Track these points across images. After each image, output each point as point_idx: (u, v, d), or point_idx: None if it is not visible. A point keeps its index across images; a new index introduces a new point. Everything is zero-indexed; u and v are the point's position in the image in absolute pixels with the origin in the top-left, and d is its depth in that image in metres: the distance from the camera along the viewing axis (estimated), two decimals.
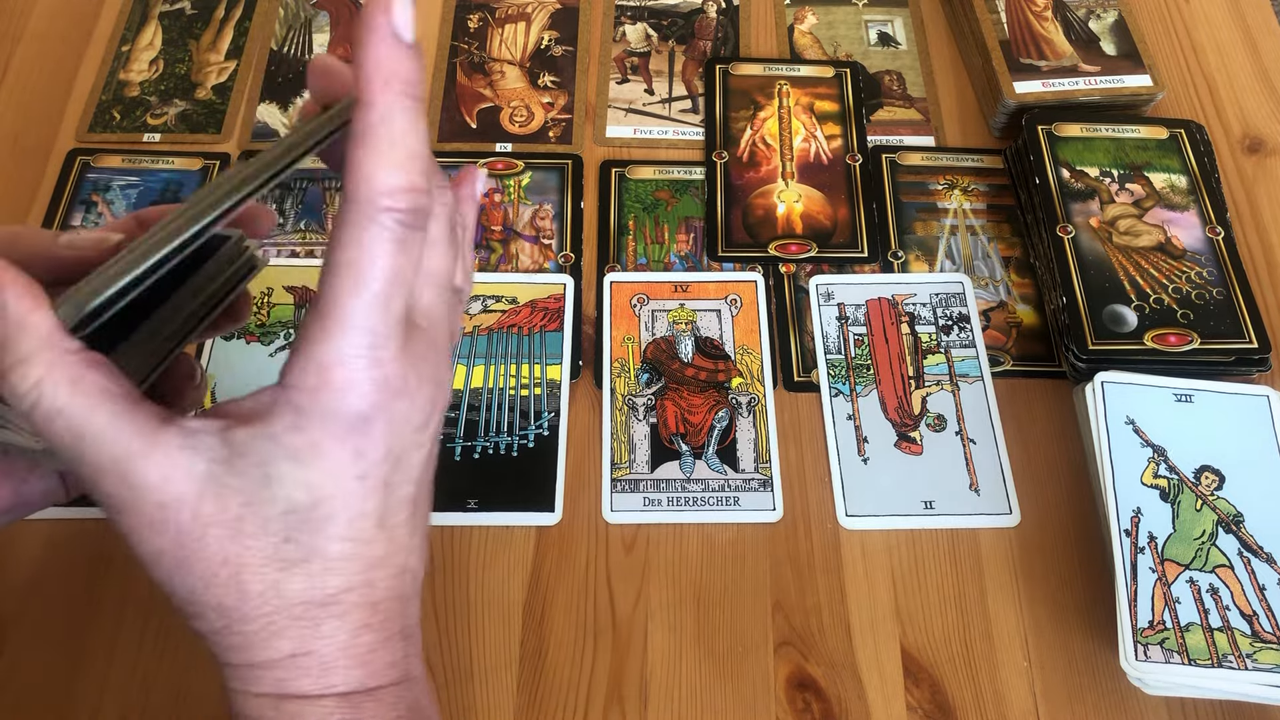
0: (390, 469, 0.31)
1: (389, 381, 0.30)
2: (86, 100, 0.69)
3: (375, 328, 0.29)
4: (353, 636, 0.31)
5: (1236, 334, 0.56)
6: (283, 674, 0.31)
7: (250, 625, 0.30)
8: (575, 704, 0.49)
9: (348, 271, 0.29)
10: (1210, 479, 0.52)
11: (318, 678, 0.31)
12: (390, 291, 0.29)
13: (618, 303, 0.61)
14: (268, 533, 0.30)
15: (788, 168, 0.67)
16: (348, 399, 0.29)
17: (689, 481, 0.55)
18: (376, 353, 0.29)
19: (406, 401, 0.31)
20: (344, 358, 0.29)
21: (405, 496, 0.32)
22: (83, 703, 0.49)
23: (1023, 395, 0.59)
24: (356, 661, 0.32)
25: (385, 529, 0.32)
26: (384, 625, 0.32)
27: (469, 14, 0.75)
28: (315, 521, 0.30)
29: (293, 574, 0.30)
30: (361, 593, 0.31)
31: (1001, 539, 0.54)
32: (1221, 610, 0.48)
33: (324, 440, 0.29)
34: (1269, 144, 0.68)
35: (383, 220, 0.29)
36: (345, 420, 0.29)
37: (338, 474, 0.30)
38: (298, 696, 0.31)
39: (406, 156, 0.29)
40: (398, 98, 0.29)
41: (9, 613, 0.51)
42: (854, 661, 0.51)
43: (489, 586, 0.52)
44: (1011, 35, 0.69)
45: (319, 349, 0.29)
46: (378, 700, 0.32)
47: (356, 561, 0.31)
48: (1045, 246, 0.60)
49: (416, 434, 0.32)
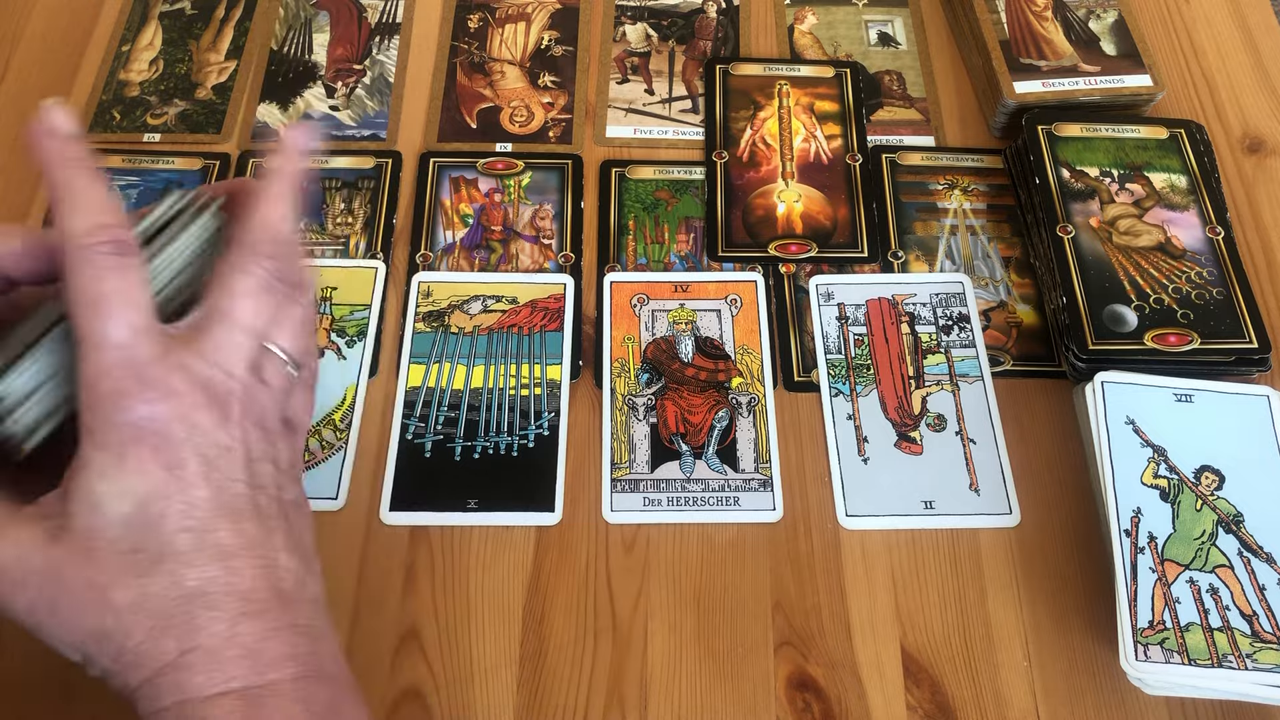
0: (202, 464, 0.35)
1: (152, 381, 0.34)
2: (86, 100, 0.69)
3: (119, 339, 0.34)
4: (231, 625, 0.34)
5: (1236, 334, 0.56)
6: (177, 676, 0.33)
7: (133, 638, 0.33)
8: (575, 704, 0.49)
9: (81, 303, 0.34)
10: (1210, 479, 0.52)
11: (211, 672, 0.33)
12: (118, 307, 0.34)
13: (618, 303, 0.61)
14: (116, 549, 0.33)
15: (788, 168, 0.67)
16: (120, 403, 0.34)
17: (689, 481, 0.55)
18: (130, 359, 0.34)
19: (178, 400, 0.35)
20: (103, 370, 0.34)
21: (239, 494, 0.36)
22: (83, 703, 0.49)
23: (1023, 395, 0.59)
24: (244, 651, 0.34)
25: (227, 519, 0.35)
26: (265, 615, 0.35)
27: (469, 14, 0.75)
28: (151, 521, 0.34)
29: (153, 576, 0.34)
30: (226, 582, 0.34)
31: (1001, 539, 0.54)
32: (1221, 610, 0.49)
33: (121, 446, 0.34)
34: (1269, 144, 0.68)
35: (88, 256, 0.34)
36: (128, 421, 0.34)
37: (146, 471, 0.34)
38: (198, 699, 0.33)
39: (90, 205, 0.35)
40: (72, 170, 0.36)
41: None
42: (854, 661, 0.51)
43: (489, 586, 0.52)
44: (1011, 35, 0.69)
45: (85, 373, 0.34)
46: (278, 694, 0.34)
47: (206, 550, 0.34)
48: (1045, 246, 0.60)
49: (213, 434, 0.35)
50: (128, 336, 0.34)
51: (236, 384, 0.37)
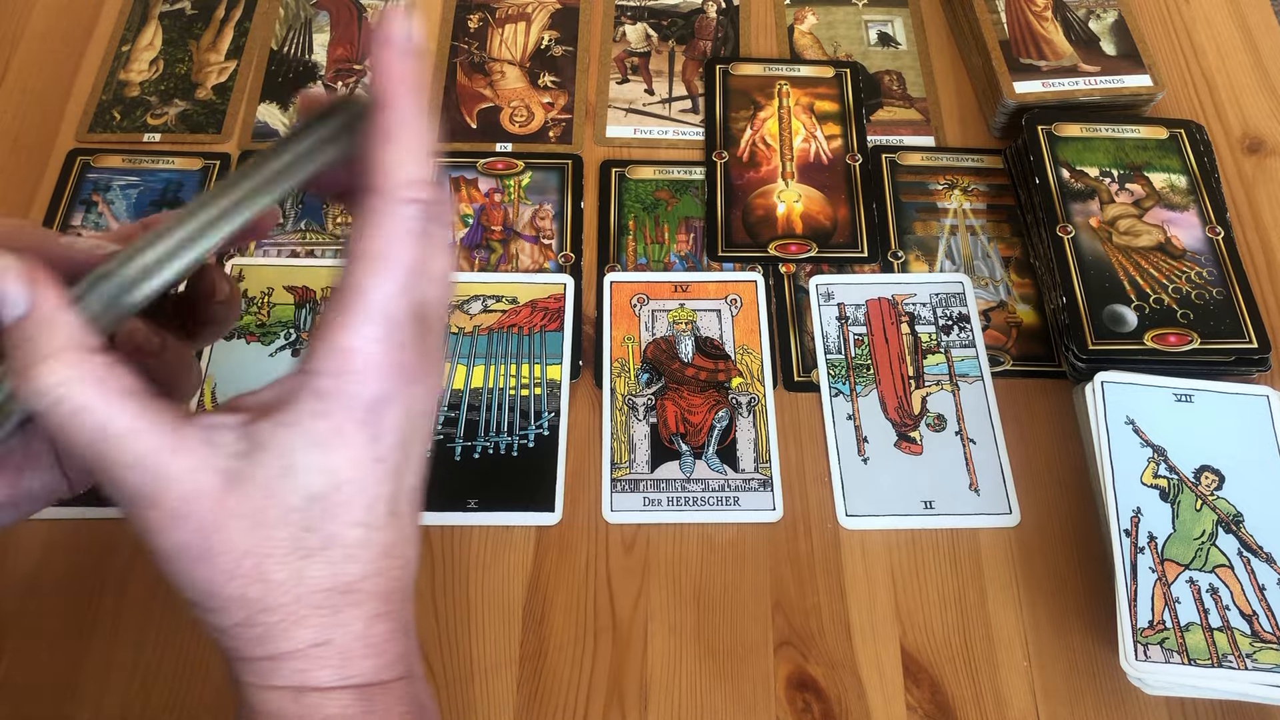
0: (402, 456, 0.32)
1: (406, 367, 0.31)
2: (86, 100, 0.69)
3: (395, 314, 0.30)
4: (367, 626, 0.32)
5: (1236, 334, 0.56)
6: (303, 664, 0.31)
7: (273, 615, 0.31)
8: (575, 704, 0.49)
9: (371, 260, 0.30)
10: (1210, 479, 0.52)
11: (337, 668, 0.32)
12: (410, 280, 0.31)
13: (618, 303, 0.61)
14: (289, 522, 0.30)
15: (788, 168, 0.67)
16: (369, 382, 0.30)
17: (689, 481, 0.55)
18: (396, 338, 0.30)
19: (419, 388, 0.32)
20: (366, 342, 0.30)
21: (411, 486, 0.33)
22: (83, 703, 0.49)
23: (1023, 395, 0.59)
24: (372, 651, 0.32)
25: (396, 516, 0.33)
26: (394, 616, 0.33)
27: (469, 14, 0.75)
28: (334, 507, 0.31)
29: (314, 561, 0.31)
30: (375, 581, 0.32)
31: (1001, 539, 0.54)
32: (1221, 610, 0.49)
33: (345, 424, 0.30)
34: (1269, 144, 0.68)
35: (406, 211, 0.30)
36: (366, 403, 0.30)
37: (357, 458, 0.31)
38: (316, 689, 0.31)
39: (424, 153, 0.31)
40: (414, 99, 0.31)
41: (9, 613, 0.51)
42: (854, 661, 0.51)
43: (489, 586, 0.52)
44: (1011, 35, 0.69)
45: (341, 335, 0.30)
46: (388, 693, 0.33)
47: (372, 548, 0.32)
48: (1045, 246, 0.60)
49: (423, 422, 0.33)
50: (403, 312, 0.31)
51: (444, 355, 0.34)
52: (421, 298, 0.32)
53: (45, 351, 0.29)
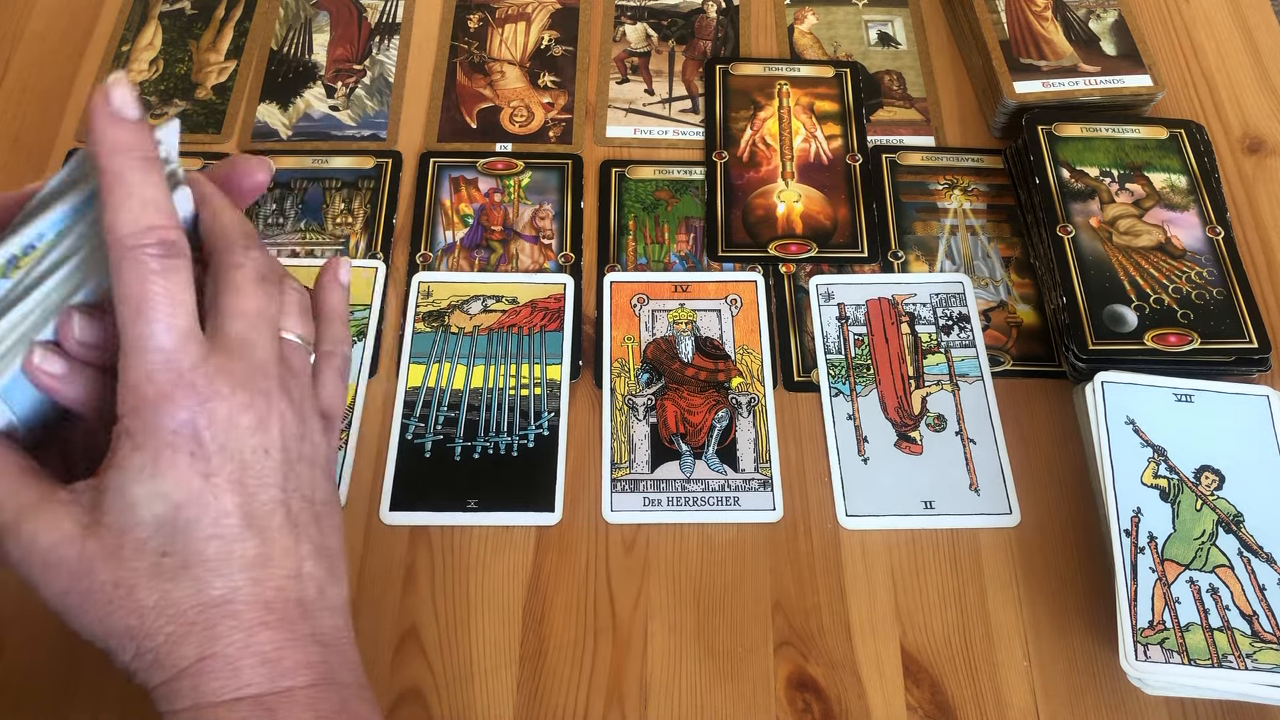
0: (237, 469, 0.35)
1: (195, 386, 0.34)
2: (86, 100, 0.69)
3: (163, 344, 0.34)
4: (249, 634, 0.34)
5: (1236, 334, 0.56)
6: (195, 681, 0.34)
7: (155, 639, 0.34)
8: (575, 704, 0.49)
9: (125, 305, 0.34)
10: (1210, 479, 0.52)
11: (228, 679, 0.34)
12: (165, 311, 0.34)
13: (618, 303, 0.61)
14: (146, 551, 0.34)
15: (788, 168, 0.67)
16: (162, 408, 0.34)
17: (689, 481, 0.55)
18: (173, 364, 0.34)
19: (221, 404, 0.34)
20: (147, 374, 0.34)
21: (272, 499, 0.36)
22: (83, 703, 0.49)
23: (1023, 395, 0.59)
24: (261, 660, 0.34)
25: (256, 530, 0.35)
26: (284, 625, 0.35)
27: (469, 14, 0.75)
28: (182, 527, 0.34)
29: (179, 581, 0.34)
30: (249, 591, 0.35)
31: (1001, 539, 0.54)
32: (1221, 610, 0.49)
33: (159, 450, 0.34)
34: (1269, 144, 0.68)
35: (136, 257, 0.33)
36: (168, 427, 0.34)
37: (182, 477, 0.34)
38: (214, 704, 0.34)
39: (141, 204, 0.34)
40: (125, 160, 0.34)
41: (9, 613, 0.51)
42: (854, 661, 0.51)
43: (489, 586, 0.52)
44: (1011, 35, 0.69)
45: (128, 376, 0.34)
46: (291, 700, 0.35)
47: (233, 560, 0.35)
48: (1045, 246, 0.60)
49: (252, 436, 0.35)
50: (173, 341, 0.34)
51: (272, 376, 0.37)
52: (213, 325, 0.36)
53: None
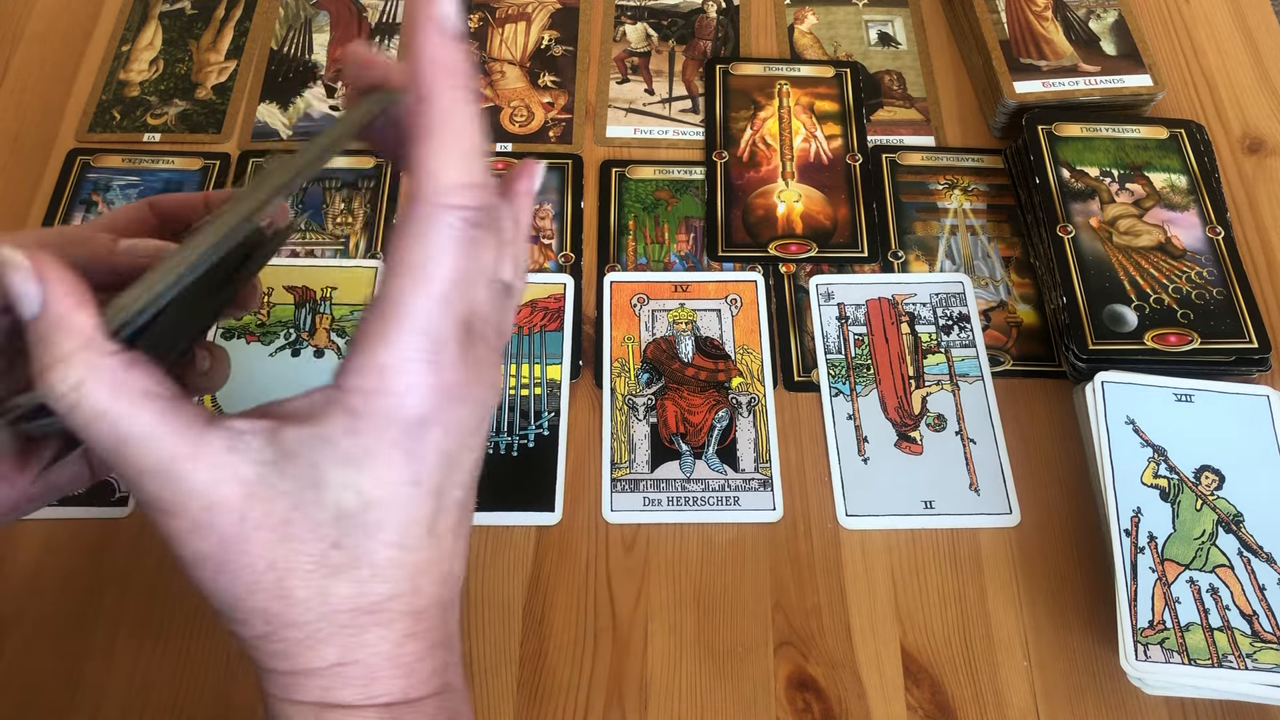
0: (443, 475, 0.30)
1: (447, 388, 0.29)
2: (86, 100, 0.69)
3: (437, 331, 0.28)
4: (397, 646, 0.31)
5: (1236, 334, 0.56)
6: (327, 683, 0.30)
7: (295, 632, 0.29)
8: (575, 704, 0.49)
9: (412, 272, 0.28)
10: (1210, 479, 0.52)
11: (362, 687, 0.30)
12: (454, 294, 0.28)
13: (618, 303, 0.61)
14: (317, 537, 0.29)
15: (788, 168, 0.67)
16: (406, 404, 0.28)
17: (689, 481, 0.55)
18: (437, 357, 0.29)
19: (462, 407, 0.30)
20: (404, 361, 0.28)
21: (455, 501, 0.31)
22: (83, 703, 0.49)
23: (1023, 395, 0.59)
24: (401, 671, 0.31)
25: (434, 535, 0.31)
26: (427, 634, 0.31)
27: (469, 14, 0.75)
28: (365, 527, 0.29)
29: (340, 579, 0.29)
30: (407, 600, 0.30)
31: (1001, 539, 0.54)
32: (1221, 610, 0.48)
33: (379, 445, 0.29)
34: (1269, 144, 0.68)
35: (449, 219, 0.28)
36: (402, 425, 0.29)
37: (391, 480, 0.29)
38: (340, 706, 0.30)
39: (471, 152, 0.28)
40: (457, 92, 0.28)
41: (9, 613, 0.51)
42: (854, 661, 0.51)
43: (489, 586, 0.52)
44: (1012, 35, 0.69)
45: (379, 351, 0.28)
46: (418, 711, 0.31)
47: (404, 568, 0.30)
48: (1045, 246, 0.60)
49: (470, 438, 0.31)
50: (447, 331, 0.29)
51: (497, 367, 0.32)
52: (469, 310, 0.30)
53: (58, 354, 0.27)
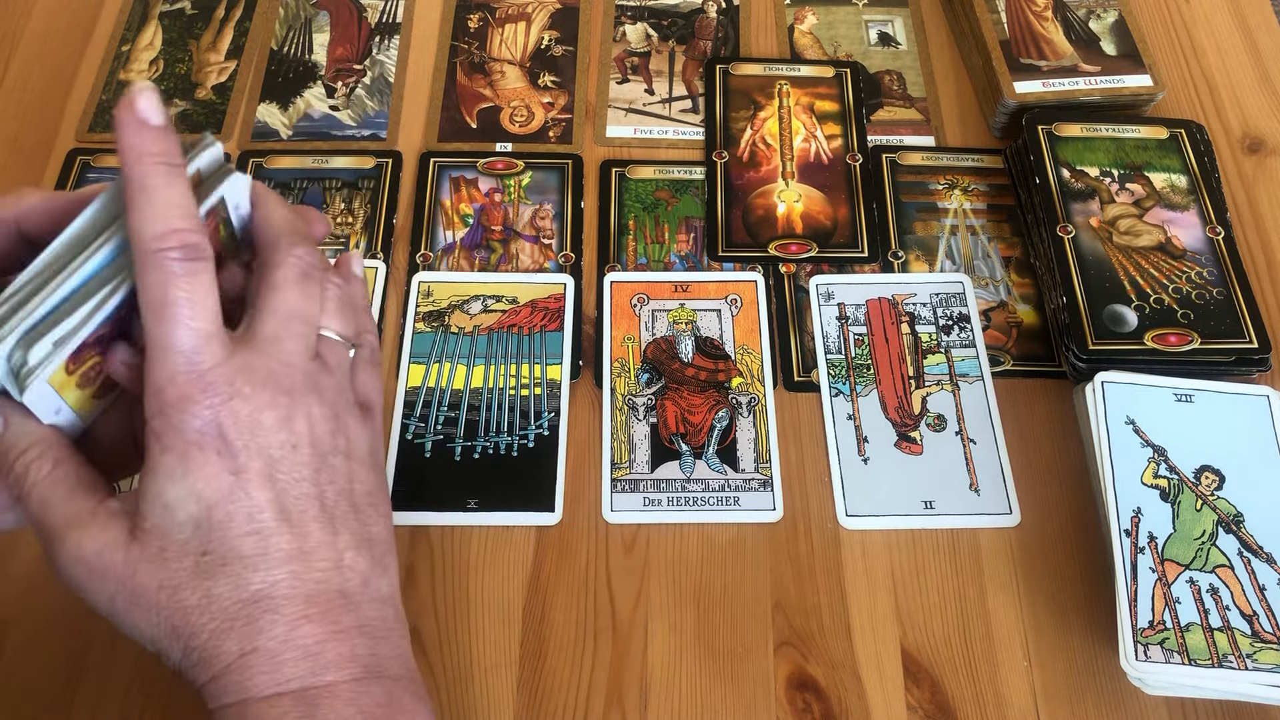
0: (265, 465, 0.35)
1: (215, 386, 0.34)
2: (86, 100, 0.69)
3: (183, 346, 0.34)
4: (290, 629, 0.35)
5: (1236, 334, 0.56)
6: (238, 676, 0.34)
7: (199, 637, 0.34)
8: (575, 704, 0.49)
9: (148, 309, 0.34)
10: (1210, 479, 0.52)
11: (269, 673, 0.34)
12: (187, 314, 0.34)
13: (618, 303, 0.61)
14: (186, 551, 0.34)
15: (788, 168, 0.67)
16: (186, 408, 0.34)
17: (689, 481, 0.55)
18: (194, 365, 0.34)
19: (242, 403, 0.35)
20: (169, 376, 0.34)
21: (304, 494, 0.36)
22: (83, 703, 0.49)
23: (1023, 395, 0.59)
24: (303, 653, 0.35)
25: (291, 524, 0.36)
26: (326, 618, 0.36)
27: (469, 14, 0.75)
28: (217, 525, 0.34)
29: (219, 579, 0.34)
30: (288, 585, 0.35)
31: (1001, 539, 0.54)
32: (1221, 610, 0.49)
33: (187, 450, 0.34)
34: (1269, 144, 0.68)
35: (158, 261, 0.34)
36: (193, 426, 0.34)
37: (211, 475, 0.34)
38: (256, 699, 0.34)
39: (165, 208, 0.34)
40: (150, 167, 0.34)
41: (9, 613, 0.51)
42: (854, 661, 0.51)
43: (489, 586, 0.52)
44: (1012, 35, 0.69)
45: (151, 378, 0.34)
46: (334, 695, 0.35)
47: (270, 555, 0.35)
48: (1045, 246, 0.60)
49: (278, 433, 0.36)
50: (193, 342, 0.34)
51: (298, 374, 0.37)
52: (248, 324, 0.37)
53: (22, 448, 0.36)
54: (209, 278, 0.35)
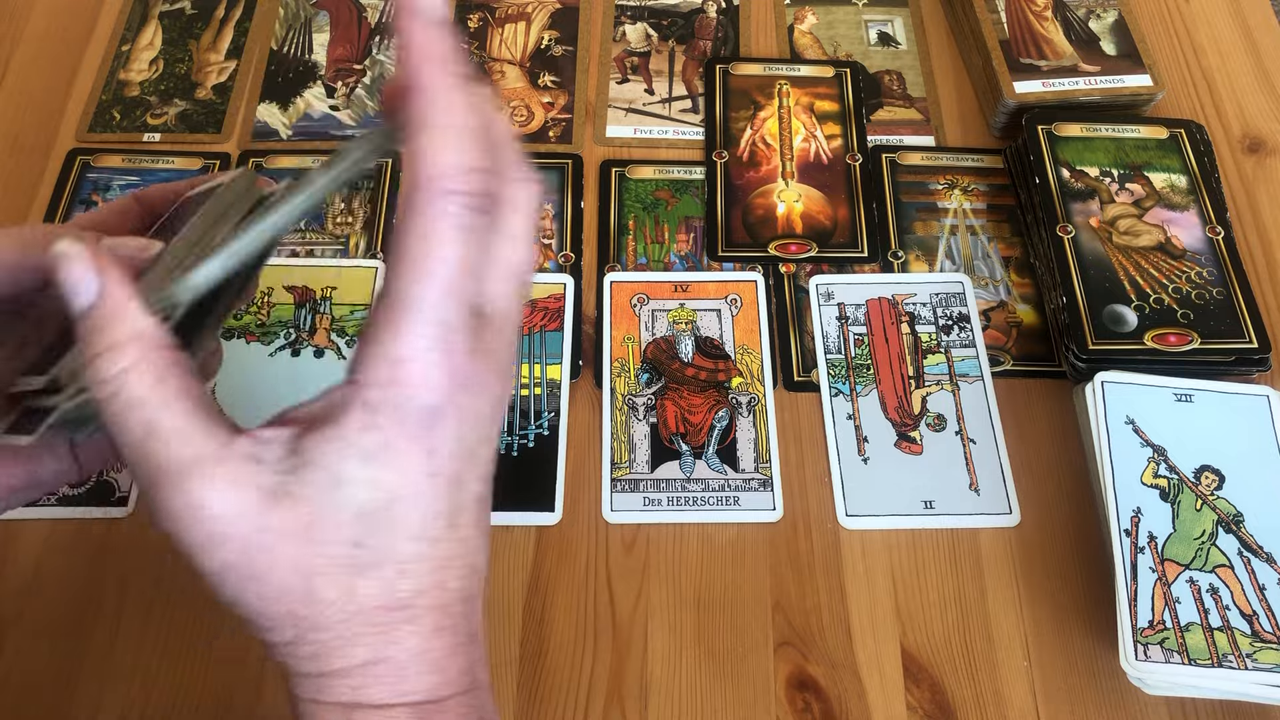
0: (461, 466, 0.30)
1: (461, 375, 0.29)
2: (86, 100, 0.69)
3: (446, 319, 0.28)
4: (426, 641, 0.30)
5: (1236, 334, 0.56)
6: (357, 682, 0.30)
7: (324, 633, 0.30)
8: (575, 704, 0.49)
9: (415, 262, 0.28)
10: (1210, 479, 0.52)
11: (393, 685, 0.30)
12: (460, 281, 0.28)
13: (618, 302, 0.61)
14: (340, 538, 0.29)
15: (788, 167, 0.67)
16: (420, 394, 0.28)
17: (689, 481, 0.55)
18: (448, 345, 0.28)
19: (476, 396, 0.30)
20: (416, 351, 0.28)
21: (474, 494, 0.31)
22: (83, 703, 0.49)
23: (1023, 395, 0.59)
24: (431, 667, 0.31)
25: (455, 528, 0.31)
26: (454, 629, 0.31)
27: (469, 14, 0.75)
28: (387, 523, 0.29)
29: (366, 578, 0.29)
30: (433, 595, 0.31)
31: (1001, 539, 0.54)
32: (1221, 610, 0.49)
33: (396, 438, 0.29)
34: (1269, 144, 0.68)
35: (446, 205, 0.28)
36: (418, 416, 0.29)
37: (409, 471, 0.29)
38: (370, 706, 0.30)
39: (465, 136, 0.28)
40: (446, 77, 0.28)
41: (9, 613, 0.51)
42: (854, 661, 0.51)
43: (489, 586, 0.52)
44: (1011, 35, 0.69)
45: (390, 344, 0.28)
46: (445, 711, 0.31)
47: (427, 563, 0.30)
48: (1045, 246, 0.60)
49: (485, 428, 0.31)
50: (458, 318, 0.28)
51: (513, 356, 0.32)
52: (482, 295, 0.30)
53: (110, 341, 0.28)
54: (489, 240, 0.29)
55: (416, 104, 0.28)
